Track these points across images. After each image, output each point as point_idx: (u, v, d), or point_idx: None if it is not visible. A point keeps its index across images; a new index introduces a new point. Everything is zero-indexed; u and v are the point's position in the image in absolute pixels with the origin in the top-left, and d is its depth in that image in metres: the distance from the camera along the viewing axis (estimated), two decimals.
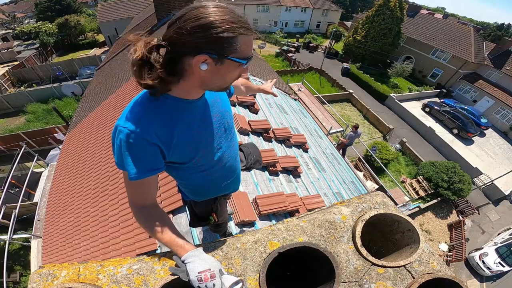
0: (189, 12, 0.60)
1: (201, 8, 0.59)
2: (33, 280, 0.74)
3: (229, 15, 0.60)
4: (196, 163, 0.87)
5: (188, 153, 0.82)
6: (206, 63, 0.63)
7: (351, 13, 42.18)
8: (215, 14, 0.58)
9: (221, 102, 0.92)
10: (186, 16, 0.60)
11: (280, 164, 3.25)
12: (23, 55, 21.70)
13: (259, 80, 6.03)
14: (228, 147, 0.98)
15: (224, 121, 0.92)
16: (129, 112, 0.71)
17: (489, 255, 8.95)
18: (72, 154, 5.52)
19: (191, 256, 0.72)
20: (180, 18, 0.61)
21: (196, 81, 0.70)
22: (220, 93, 0.93)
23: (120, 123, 0.69)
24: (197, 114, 0.80)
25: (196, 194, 1.11)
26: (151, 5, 9.79)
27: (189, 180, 0.99)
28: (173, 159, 0.80)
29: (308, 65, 20.47)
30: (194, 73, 0.66)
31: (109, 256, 2.76)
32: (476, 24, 54.17)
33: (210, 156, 0.90)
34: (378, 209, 1.02)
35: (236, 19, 0.60)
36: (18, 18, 36.71)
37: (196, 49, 0.61)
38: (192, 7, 0.61)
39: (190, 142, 0.80)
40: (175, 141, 0.75)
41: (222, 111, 0.91)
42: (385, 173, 10.78)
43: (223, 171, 1.02)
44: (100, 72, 9.89)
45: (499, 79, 19.12)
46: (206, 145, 0.87)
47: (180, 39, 0.60)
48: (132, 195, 0.80)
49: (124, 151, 0.69)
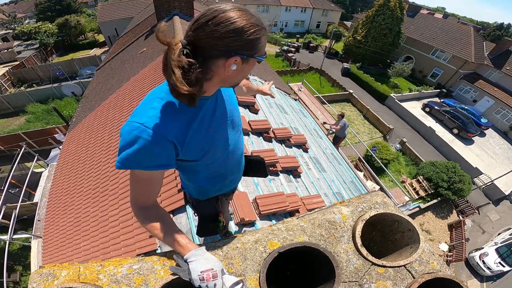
0: (218, 16, 0.61)
1: (230, 12, 0.62)
2: (34, 280, 0.74)
3: (253, 18, 0.65)
4: (207, 160, 0.88)
5: (200, 150, 0.83)
6: (235, 64, 0.67)
7: (351, 13, 42.21)
8: (243, 18, 0.62)
9: (230, 99, 0.94)
10: (217, 20, 0.61)
11: (280, 164, 3.26)
12: (23, 55, 21.70)
13: (259, 80, 6.04)
14: (235, 144, 0.99)
15: (232, 118, 0.94)
16: (146, 108, 0.70)
17: (489, 255, 8.95)
18: (72, 154, 5.52)
19: (194, 255, 0.72)
20: (209, 22, 0.61)
21: (218, 79, 0.72)
22: (229, 91, 0.96)
23: (136, 119, 0.68)
24: (210, 111, 0.82)
25: (203, 191, 1.11)
26: (151, 5, 9.79)
27: (198, 177, 0.99)
28: (185, 157, 0.81)
29: (308, 65, 20.47)
30: (220, 73, 0.69)
31: (109, 256, 2.77)
32: (476, 24, 54.16)
33: (220, 152, 0.91)
34: (378, 209, 1.02)
35: (258, 22, 0.65)
36: (18, 18, 36.71)
37: (230, 52, 0.64)
38: (218, 10, 0.62)
39: (203, 139, 0.81)
40: (188, 139, 0.75)
41: (231, 109, 0.93)
42: (385, 173, 10.78)
43: (231, 167, 1.04)
44: (100, 72, 9.90)
45: (499, 79, 19.12)
46: (217, 142, 0.88)
47: (214, 42, 0.62)
48: (137, 194, 0.80)
49: (138, 147, 0.67)
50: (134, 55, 7.94)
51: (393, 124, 14.84)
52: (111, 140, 4.46)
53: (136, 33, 10.17)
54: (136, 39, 9.33)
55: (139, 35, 9.46)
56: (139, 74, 5.98)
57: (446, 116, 16.27)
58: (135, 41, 9.33)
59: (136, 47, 8.62)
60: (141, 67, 6.26)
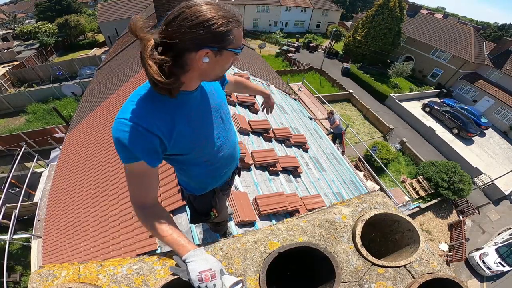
0: (185, 11, 0.63)
1: (196, 6, 0.63)
2: (34, 280, 0.74)
3: (222, 10, 0.65)
4: (197, 153, 0.90)
5: (189, 144, 0.84)
6: (207, 56, 0.68)
7: (351, 13, 42.18)
8: (210, 11, 0.63)
9: (216, 93, 0.95)
10: (183, 15, 0.63)
11: (280, 164, 3.25)
12: (23, 55, 21.69)
13: (259, 80, 6.04)
14: (226, 137, 1.01)
15: (220, 112, 0.96)
16: (130, 105, 0.72)
17: (489, 255, 8.96)
18: (72, 154, 5.52)
19: (193, 256, 0.72)
20: (177, 17, 0.63)
21: (196, 73, 0.73)
22: (215, 85, 0.97)
23: (122, 116, 0.70)
24: (195, 105, 0.83)
25: (197, 185, 1.12)
26: (151, 5, 9.80)
27: (191, 171, 1.00)
28: (174, 151, 0.82)
29: (308, 65, 20.47)
30: (195, 66, 0.70)
31: (109, 256, 2.77)
32: (476, 24, 54.08)
33: (209, 146, 0.93)
34: (378, 209, 1.02)
35: (228, 14, 0.65)
36: (18, 18, 36.69)
37: (198, 45, 0.65)
38: (185, 5, 0.64)
39: (190, 133, 0.82)
40: (175, 133, 0.77)
41: (218, 102, 0.95)
42: (385, 173, 10.78)
43: (222, 160, 1.05)
44: (100, 72, 9.90)
45: (499, 79, 19.11)
46: (205, 136, 0.89)
47: (182, 37, 0.64)
48: (134, 191, 0.80)
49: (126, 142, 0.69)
50: (134, 55, 7.93)
51: (393, 124, 14.84)
52: (111, 140, 4.45)
53: None
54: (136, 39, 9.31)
55: None
56: (139, 74, 5.97)
57: (446, 116, 16.27)
58: (135, 41, 9.32)
59: (136, 47, 8.62)
60: (141, 67, 6.25)
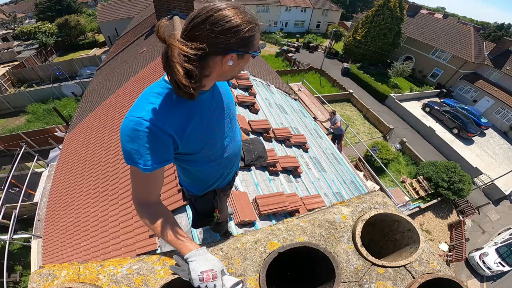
0: (214, 15, 0.63)
1: (224, 10, 0.63)
2: (33, 280, 0.74)
3: (247, 16, 0.66)
4: (205, 153, 0.89)
5: (199, 144, 0.84)
6: (231, 60, 0.69)
7: (351, 13, 42.17)
8: (238, 16, 0.64)
9: (226, 93, 0.96)
10: (212, 19, 0.62)
11: (280, 164, 3.25)
12: (23, 55, 21.69)
13: (259, 80, 6.04)
14: (232, 137, 1.01)
15: (229, 112, 0.96)
16: (144, 103, 0.70)
17: (489, 255, 8.95)
18: (72, 154, 5.52)
19: (195, 255, 0.72)
20: (206, 21, 0.63)
21: (216, 74, 0.74)
22: (225, 84, 0.98)
23: (135, 114, 0.68)
24: (207, 104, 0.83)
25: (200, 186, 1.11)
26: (151, 5, 9.80)
27: (196, 171, 0.99)
28: (184, 150, 0.81)
29: (308, 65, 20.46)
30: (217, 68, 0.71)
31: (109, 256, 2.76)
32: (476, 24, 54.08)
33: (217, 146, 0.93)
34: (378, 209, 1.02)
35: (252, 19, 0.67)
36: (18, 18, 36.69)
37: (226, 49, 0.66)
38: (212, 9, 0.63)
39: (201, 133, 0.82)
40: (188, 132, 0.77)
41: (228, 102, 0.96)
42: (385, 173, 10.78)
43: (227, 160, 1.04)
44: (100, 72, 9.91)
45: (499, 79, 19.11)
46: (214, 135, 0.89)
47: (212, 41, 0.64)
48: (139, 190, 0.79)
49: (138, 141, 0.67)
50: (134, 55, 7.94)
51: (393, 124, 14.83)
52: (111, 140, 4.46)
53: (136, 33, 10.17)
54: (136, 39, 9.33)
55: (139, 35, 9.46)
56: (139, 74, 5.98)
57: (446, 116, 16.27)
58: (135, 41, 9.34)
59: (136, 47, 8.62)
60: (141, 67, 6.26)
